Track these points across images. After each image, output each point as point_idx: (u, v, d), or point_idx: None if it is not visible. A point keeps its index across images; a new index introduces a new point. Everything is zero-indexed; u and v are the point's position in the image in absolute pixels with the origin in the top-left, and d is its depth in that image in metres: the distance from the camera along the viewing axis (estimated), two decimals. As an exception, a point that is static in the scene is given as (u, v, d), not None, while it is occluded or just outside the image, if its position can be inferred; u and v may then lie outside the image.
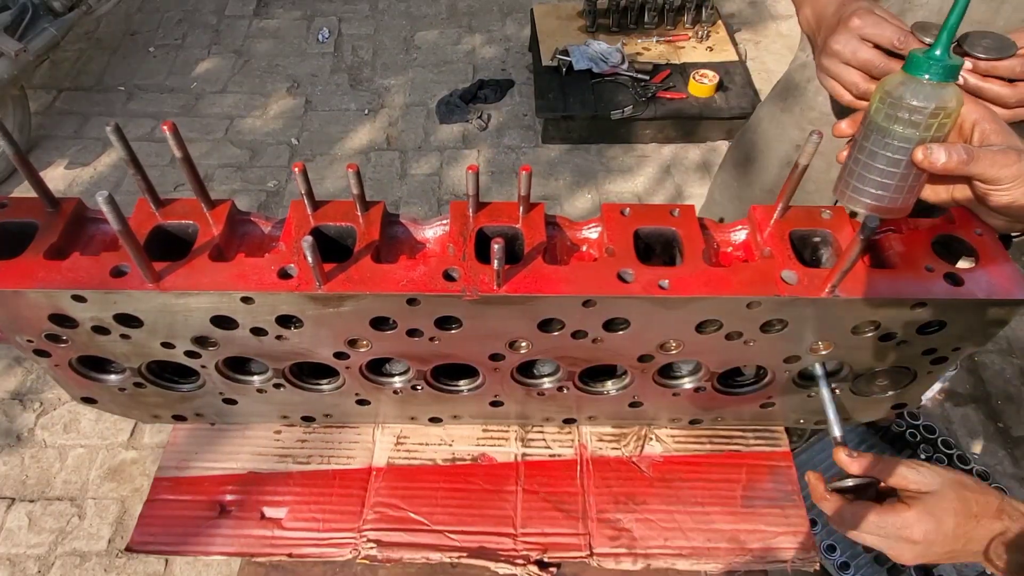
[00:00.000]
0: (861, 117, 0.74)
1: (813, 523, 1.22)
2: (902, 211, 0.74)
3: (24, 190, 2.89)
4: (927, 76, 0.67)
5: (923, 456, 1.75)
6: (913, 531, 0.74)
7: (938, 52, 0.67)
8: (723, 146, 3.18)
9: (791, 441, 1.05)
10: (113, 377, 0.91)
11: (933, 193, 0.75)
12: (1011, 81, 0.79)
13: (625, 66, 3.19)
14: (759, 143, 1.43)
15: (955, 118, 0.69)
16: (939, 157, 0.67)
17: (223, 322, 0.76)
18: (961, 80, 0.79)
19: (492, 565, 0.93)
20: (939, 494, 0.73)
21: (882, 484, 0.79)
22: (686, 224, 0.78)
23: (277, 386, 0.92)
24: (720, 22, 3.47)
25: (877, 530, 0.75)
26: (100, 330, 0.78)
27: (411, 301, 0.72)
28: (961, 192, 0.73)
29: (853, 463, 0.78)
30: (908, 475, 0.75)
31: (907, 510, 0.74)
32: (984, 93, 0.80)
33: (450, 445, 1.05)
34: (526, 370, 0.92)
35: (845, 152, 0.76)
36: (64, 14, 2.94)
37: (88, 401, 0.97)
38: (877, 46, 0.82)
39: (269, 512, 0.98)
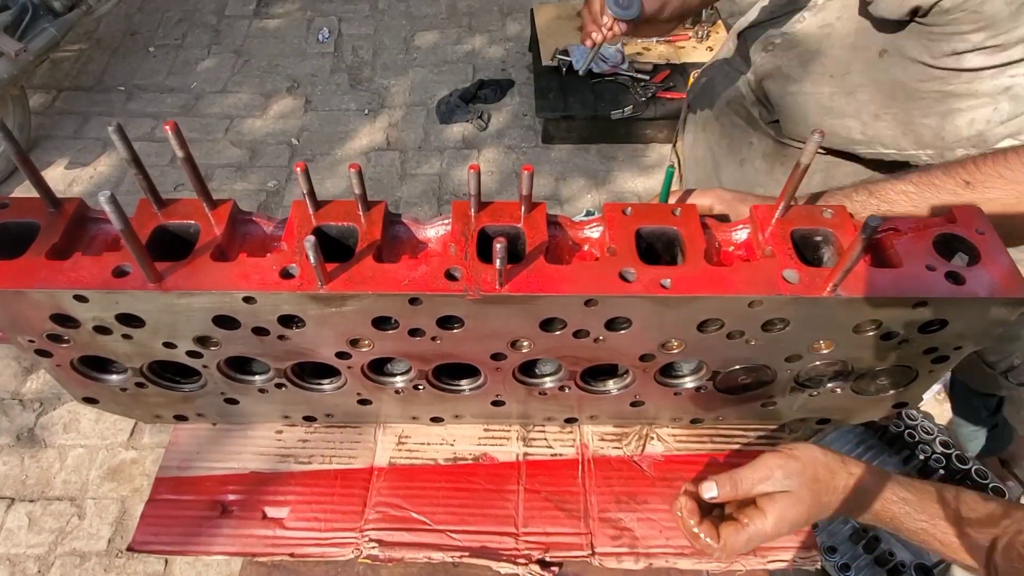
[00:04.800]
0: None
1: (814, 524, 1.22)
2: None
3: (24, 190, 2.88)
4: None
5: (921, 456, 1.75)
6: (778, 529, 0.81)
7: None
8: (723, 146, 3.18)
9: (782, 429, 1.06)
10: (115, 377, 0.91)
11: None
12: None
13: (625, 66, 3.19)
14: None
15: None
16: None
17: (225, 322, 0.76)
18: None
19: (494, 565, 0.93)
20: (792, 496, 0.80)
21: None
22: (687, 223, 0.78)
23: (279, 386, 0.92)
24: (720, 22, 3.47)
25: (747, 546, 0.82)
26: (102, 330, 0.78)
27: (413, 301, 0.72)
28: None
29: (713, 492, 0.83)
30: (762, 487, 0.81)
31: (762, 519, 0.81)
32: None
33: (452, 445, 1.05)
34: (528, 369, 0.93)
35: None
36: (64, 14, 2.94)
37: (90, 401, 0.97)
38: None
39: (271, 512, 0.98)
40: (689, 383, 0.92)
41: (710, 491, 0.82)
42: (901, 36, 1.01)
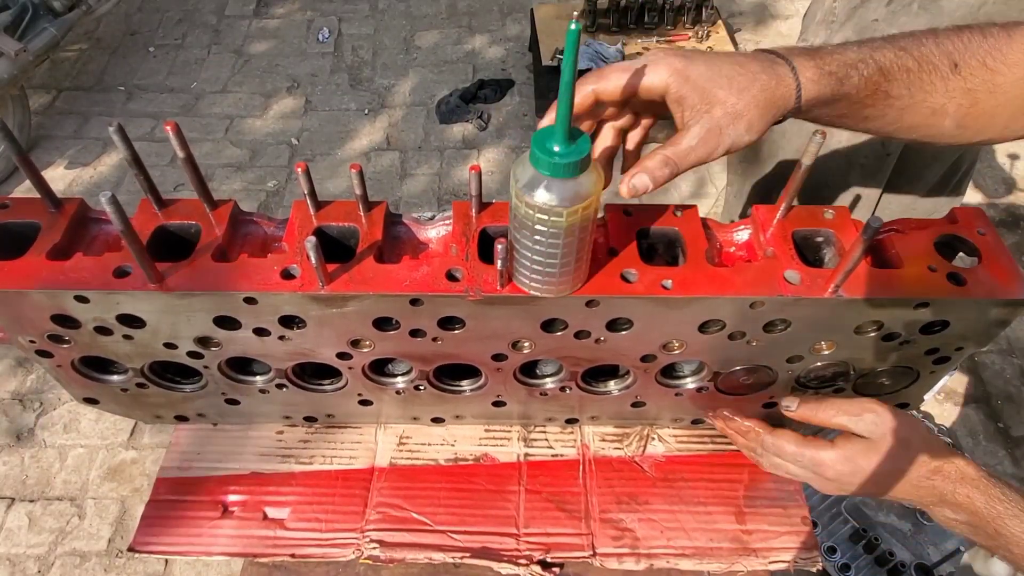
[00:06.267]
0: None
1: (814, 524, 1.22)
2: (562, 291, 0.70)
3: (24, 190, 2.88)
4: (551, 175, 0.59)
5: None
6: (826, 470, 0.76)
7: (556, 148, 0.58)
8: (723, 146, 3.18)
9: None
10: (115, 377, 0.91)
11: None
12: None
13: (625, 66, 3.19)
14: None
15: (595, 201, 0.61)
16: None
17: (226, 322, 0.76)
18: None
19: (495, 565, 0.93)
20: (871, 444, 0.75)
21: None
22: (689, 224, 0.78)
23: (279, 386, 0.92)
24: (720, 22, 3.46)
25: (794, 460, 0.78)
26: (103, 331, 0.78)
27: (414, 301, 0.72)
28: None
29: (792, 405, 0.80)
30: (848, 424, 0.76)
31: (827, 448, 0.76)
32: None
33: (452, 445, 1.05)
34: (528, 370, 0.92)
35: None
36: (64, 14, 2.94)
37: (90, 401, 0.97)
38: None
39: (272, 512, 0.98)
40: (690, 384, 0.92)
41: (791, 402, 0.78)
42: None
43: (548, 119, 0.65)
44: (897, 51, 0.72)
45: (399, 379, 0.92)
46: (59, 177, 3.04)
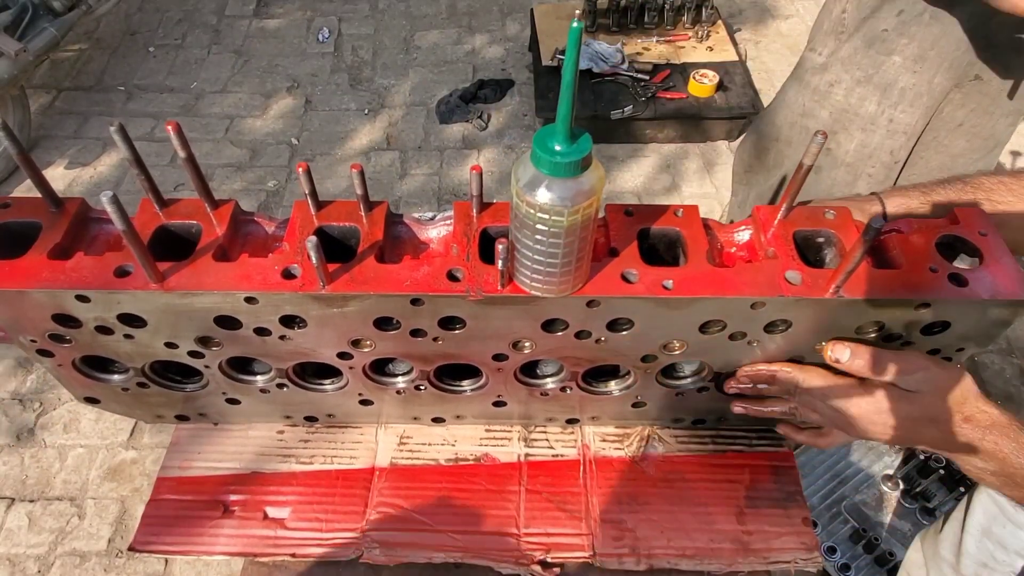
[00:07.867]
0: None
1: (814, 524, 1.23)
2: (563, 291, 0.70)
3: (24, 190, 2.88)
4: (552, 175, 0.59)
5: (921, 456, 1.75)
6: (851, 406, 0.77)
7: (558, 147, 0.58)
8: (723, 146, 3.18)
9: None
10: (116, 377, 0.91)
11: None
12: None
13: (625, 66, 3.19)
14: (775, 127, 1.45)
15: (596, 200, 0.62)
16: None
17: (227, 322, 0.76)
18: None
19: (495, 565, 0.93)
20: (910, 394, 0.75)
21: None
22: (690, 224, 0.78)
23: (280, 386, 0.92)
24: (720, 22, 3.47)
25: (823, 396, 0.79)
26: (104, 330, 0.78)
27: (415, 301, 0.72)
28: None
29: (844, 355, 0.77)
30: (898, 381, 0.75)
31: (856, 384, 0.77)
32: None
33: (453, 445, 1.05)
34: (529, 370, 0.93)
35: None
36: (64, 14, 2.94)
37: (91, 401, 0.97)
38: None
39: (272, 512, 0.98)
40: (691, 384, 0.92)
41: (842, 353, 0.75)
42: None
43: None
44: (988, 173, 0.84)
45: (400, 379, 0.92)
46: (59, 177, 3.04)
